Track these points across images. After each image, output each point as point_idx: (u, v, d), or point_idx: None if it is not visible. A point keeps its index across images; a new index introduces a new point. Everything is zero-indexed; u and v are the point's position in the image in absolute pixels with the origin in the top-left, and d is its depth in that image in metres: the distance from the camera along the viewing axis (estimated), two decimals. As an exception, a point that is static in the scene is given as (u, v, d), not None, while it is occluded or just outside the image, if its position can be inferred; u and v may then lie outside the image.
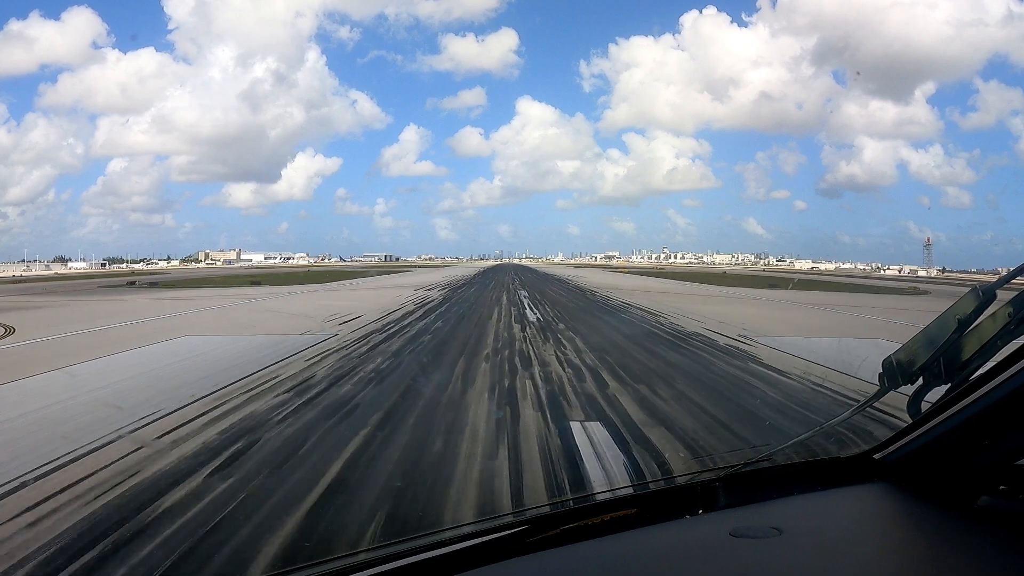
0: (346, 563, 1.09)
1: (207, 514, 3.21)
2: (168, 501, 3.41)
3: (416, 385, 6.77)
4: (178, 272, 76.85)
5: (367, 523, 3.15)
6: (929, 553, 1.08)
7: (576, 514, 1.26)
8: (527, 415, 5.40)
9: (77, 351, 9.25)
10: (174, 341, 10.27)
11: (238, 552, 2.82)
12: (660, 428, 4.97)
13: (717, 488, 1.32)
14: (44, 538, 2.98)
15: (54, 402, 6.05)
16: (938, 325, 1.26)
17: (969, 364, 1.21)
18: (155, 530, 3.03)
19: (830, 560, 1.04)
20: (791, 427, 5.06)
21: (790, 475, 1.41)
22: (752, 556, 1.07)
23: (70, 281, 45.99)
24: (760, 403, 5.99)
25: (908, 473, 1.27)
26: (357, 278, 43.83)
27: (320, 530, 3.05)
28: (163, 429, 4.91)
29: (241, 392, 6.24)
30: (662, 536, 1.19)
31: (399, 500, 3.47)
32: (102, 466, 4.01)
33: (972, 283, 1.19)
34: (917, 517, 1.19)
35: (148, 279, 45.13)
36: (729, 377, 7.31)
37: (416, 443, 4.56)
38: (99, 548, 2.86)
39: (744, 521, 1.17)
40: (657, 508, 1.30)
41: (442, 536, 1.16)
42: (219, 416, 5.29)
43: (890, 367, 1.33)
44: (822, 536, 1.15)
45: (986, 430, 1.11)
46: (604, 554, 1.12)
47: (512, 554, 1.12)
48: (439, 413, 5.46)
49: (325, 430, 4.91)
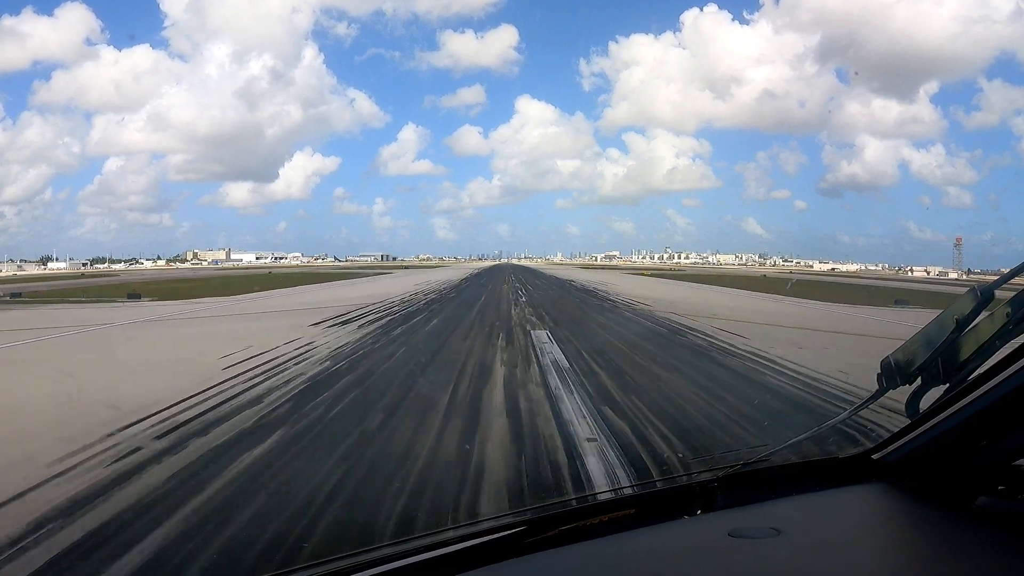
0: (346, 563, 1.09)
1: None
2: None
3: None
4: (147, 274, 64.43)
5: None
6: (928, 553, 1.08)
7: (574, 515, 1.26)
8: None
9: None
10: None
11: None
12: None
13: (715, 488, 1.32)
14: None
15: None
16: (936, 325, 1.26)
17: (967, 364, 1.20)
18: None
19: (829, 560, 1.04)
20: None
21: (789, 475, 1.40)
22: (751, 557, 1.07)
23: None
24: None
25: (906, 473, 1.26)
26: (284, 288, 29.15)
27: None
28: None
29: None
30: (660, 537, 1.19)
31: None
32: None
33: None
34: (916, 517, 1.19)
35: (12, 288, 29.79)
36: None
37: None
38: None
39: (743, 522, 1.17)
40: (655, 508, 1.30)
41: (441, 537, 1.16)
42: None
43: (888, 367, 1.33)
44: (821, 536, 1.15)
45: (984, 430, 1.11)
46: (602, 555, 1.12)
47: (511, 555, 1.12)
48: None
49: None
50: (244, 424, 4.99)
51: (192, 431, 4.79)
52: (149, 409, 5.36)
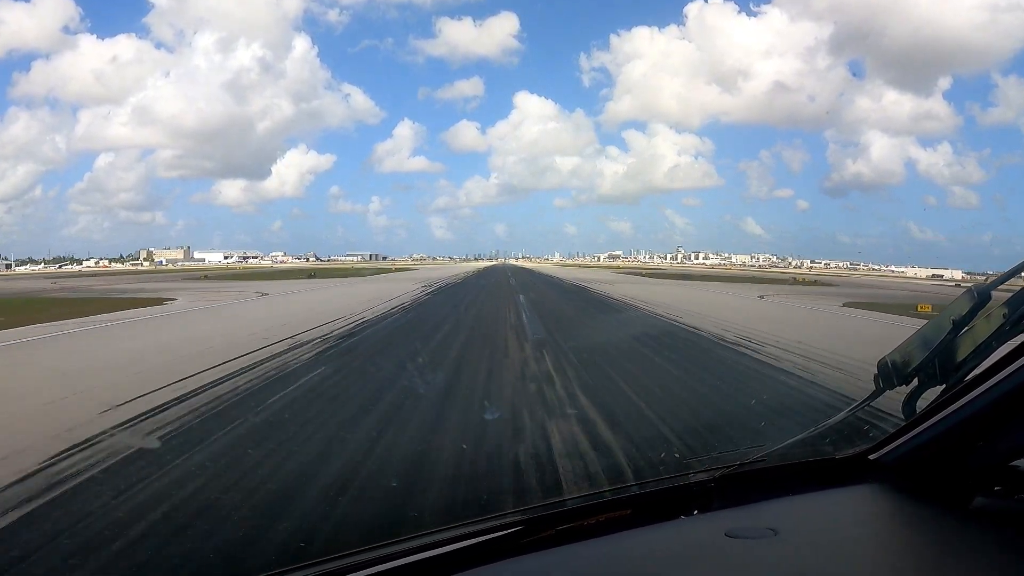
0: (344, 563, 1.09)
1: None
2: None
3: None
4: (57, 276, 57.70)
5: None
6: (925, 553, 1.08)
7: (571, 515, 1.26)
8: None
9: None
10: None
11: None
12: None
13: (712, 489, 1.32)
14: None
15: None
16: (933, 326, 1.26)
17: (964, 365, 1.21)
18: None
19: (826, 561, 1.04)
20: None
21: (785, 475, 1.41)
22: (748, 557, 1.07)
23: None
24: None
25: (903, 473, 1.27)
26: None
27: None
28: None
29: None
30: (657, 537, 1.19)
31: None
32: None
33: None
34: (912, 517, 1.19)
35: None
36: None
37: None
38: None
39: (739, 522, 1.17)
40: (652, 509, 1.30)
41: (438, 536, 1.16)
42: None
43: (885, 367, 1.33)
44: (818, 537, 1.15)
45: (981, 431, 1.11)
46: (599, 555, 1.12)
47: (507, 554, 1.12)
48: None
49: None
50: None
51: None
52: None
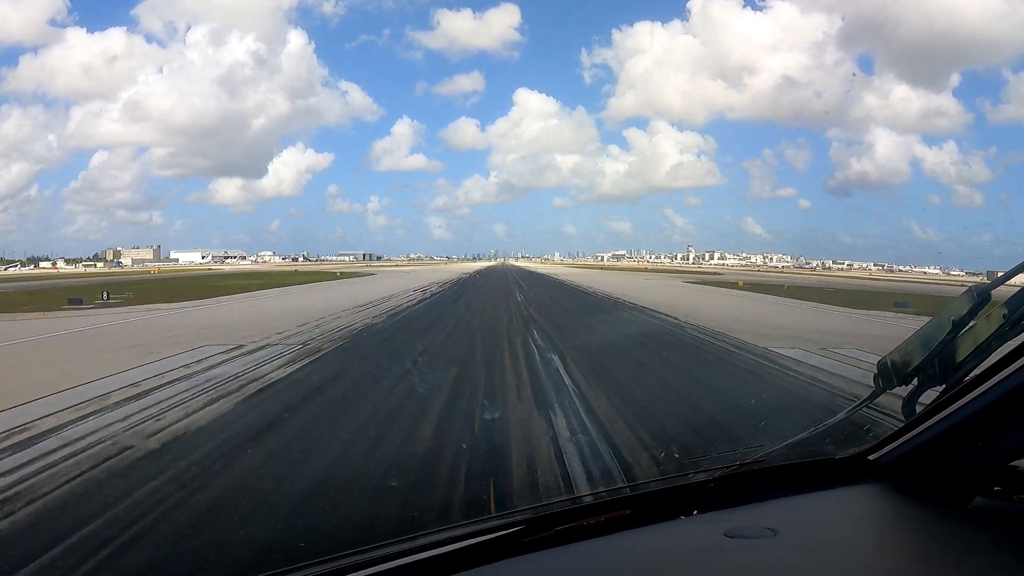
0: (343, 563, 1.09)
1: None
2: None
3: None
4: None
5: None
6: (924, 553, 1.08)
7: (571, 515, 1.25)
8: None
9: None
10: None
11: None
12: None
13: (712, 489, 1.32)
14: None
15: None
16: (933, 326, 1.26)
17: (964, 365, 1.21)
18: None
19: (825, 561, 1.04)
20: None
21: (785, 476, 1.40)
22: (747, 557, 1.07)
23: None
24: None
25: (903, 474, 1.27)
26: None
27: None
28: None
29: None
30: (657, 537, 1.19)
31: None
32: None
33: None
34: (912, 518, 1.19)
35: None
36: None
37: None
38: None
39: (739, 522, 1.17)
40: (652, 509, 1.29)
41: (438, 536, 1.15)
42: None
43: (885, 368, 1.33)
44: (817, 537, 1.15)
45: (981, 431, 1.11)
46: (599, 555, 1.12)
47: (507, 554, 1.12)
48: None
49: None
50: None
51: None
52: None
